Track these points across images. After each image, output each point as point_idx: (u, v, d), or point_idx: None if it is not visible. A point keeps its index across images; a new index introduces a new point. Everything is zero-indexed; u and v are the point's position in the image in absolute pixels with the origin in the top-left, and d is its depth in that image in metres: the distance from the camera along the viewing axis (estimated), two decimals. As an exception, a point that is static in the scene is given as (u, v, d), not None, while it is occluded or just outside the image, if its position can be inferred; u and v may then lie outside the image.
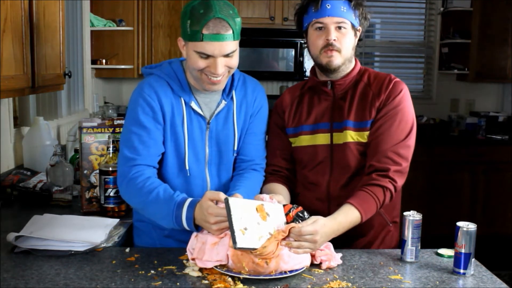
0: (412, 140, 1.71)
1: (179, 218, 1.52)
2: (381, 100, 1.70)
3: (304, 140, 1.78)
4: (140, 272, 1.44)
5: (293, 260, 1.44)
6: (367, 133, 1.70)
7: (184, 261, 1.51)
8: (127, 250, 1.61)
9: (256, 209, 1.47)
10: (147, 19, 4.14)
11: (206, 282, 1.38)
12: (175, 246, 1.70)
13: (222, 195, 1.48)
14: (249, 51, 4.30)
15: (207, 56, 1.56)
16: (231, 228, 1.38)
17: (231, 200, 1.42)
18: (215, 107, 1.72)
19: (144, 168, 1.63)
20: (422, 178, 4.38)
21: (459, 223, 1.49)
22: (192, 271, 1.44)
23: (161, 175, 1.70)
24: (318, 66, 1.75)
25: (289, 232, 1.45)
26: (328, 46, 1.67)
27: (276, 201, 1.56)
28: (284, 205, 1.55)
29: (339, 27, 1.67)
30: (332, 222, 1.53)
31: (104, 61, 3.96)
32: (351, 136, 1.71)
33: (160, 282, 1.37)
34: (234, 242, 1.37)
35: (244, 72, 1.83)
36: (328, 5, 1.65)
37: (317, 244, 1.47)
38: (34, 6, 1.88)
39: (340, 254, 1.54)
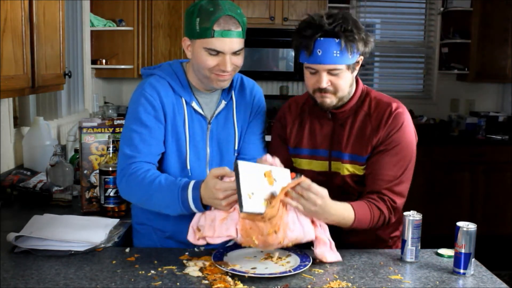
0: (408, 175, 1.67)
1: (185, 201, 1.51)
2: (379, 137, 1.66)
3: (303, 164, 1.77)
4: (140, 272, 1.44)
5: (298, 228, 1.44)
6: (362, 167, 1.68)
7: (184, 261, 1.51)
8: (127, 250, 1.61)
9: (264, 174, 1.47)
10: (147, 19, 4.14)
11: (206, 282, 1.38)
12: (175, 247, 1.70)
13: (227, 169, 1.48)
14: (249, 51, 4.30)
15: (217, 53, 1.57)
16: (238, 192, 1.38)
17: (241, 164, 1.41)
18: (215, 107, 1.73)
19: (144, 164, 1.63)
20: (422, 178, 4.37)
21: (459, 223, 1.49)
22: (192, 271, 1.44)
23: (163, 171, 1.69)
24: (314, 102, 1.71)
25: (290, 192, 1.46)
26: (321, 91, 1.62)
27: (279, 162, 1.54)
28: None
29: (332, 73, 1.60)
30: (333, 203, 1.52)
31: (104, 61, 3.96)
32: (347, 169, 1.69)
33: (160, 282, 1.37)
34: (241, 206, 1.37)
35: (244, 72, 1.83)
36: (319, 51, 1.56)
37: (316, 207, 1.46)
38: (34, 6, 1.88)
39: (338, 256, 1.55)
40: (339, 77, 1.60)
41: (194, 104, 1.68)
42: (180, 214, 1.56)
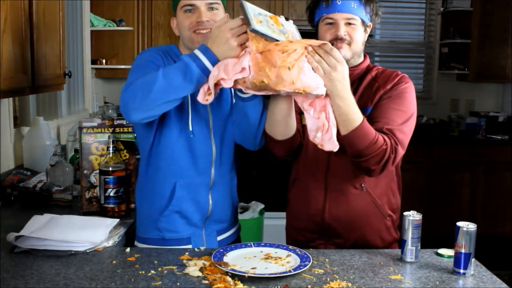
0: (408, 128, 1.68)
1: (196, 58, 1.47)
2: (386, 89, 1.72)
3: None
4: (140, 272, 1.44)
5: (312, 76, 1.46)
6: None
7: (184, 261, 1.51)
8: (127, 250, 1.61)
9: (271, 17, 1.50)
10: (147, 19, 4.14)
11: (206, 282, 1.38)
12: (175, 246, 1.70)
13: (226, 18, 1.55)
14: (249, 51, 4.29)
15: (192, 9, 1.67)
16: (246, 17, 1.42)
17: (248, 2, 1.46)
18: None
19: None
20: (422, 178, 4.38)
21: (459, 223, 1.49)
22: (192, 271, 1.44)
23: (163, 136, 1.67)
24: None
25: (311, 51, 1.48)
26: (338, 40, 1.68)
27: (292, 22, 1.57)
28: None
29: (349, 23, 1.68)
30: (349, 85, 1.55)
31: (104, 61, 3.96)
32: None
33: (160, 282, 1.37)
34: (249, 24, 1.40)
35: None
36: (339, 1, 1.67)
37: (336, 73, 1.48)
38: (34, 6, 1.88)
39: (335, 146, 1.54)
40: (354, 29, 1.69)
41: None
42: (197, 84, 1.49)
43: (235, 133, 1.79)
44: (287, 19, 1.57)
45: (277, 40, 1.44)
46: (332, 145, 1.54)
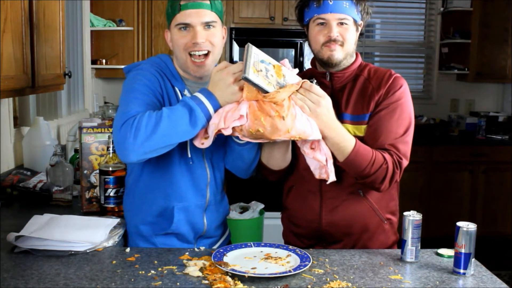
0: (410, 137, 1.69)
1: (201, 103, 1.46)
2: (381, 94, 1.70)
3: None
4: (140, 272, 1.44)
5: (305, 122, 1.48)
6: (364, 126, 1.70)
7: (184, 261, 1.51)
8: (127, 250, 1.61)
9: (274, 66, 1.50)
10: (147, 19, 4.13)
11: (206, 282, 1.38)
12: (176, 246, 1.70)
13: (226, 62, 1.51)
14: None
15: (186, 28, 1.60)
16: (245, 63, 1.41)
17: (253, 46, 1.45)
18: None
19: None
20: (422, 178, 4.38)
21: (459, 223, 1.49)
22: (192, 271, 1.44)
23: (162, 159, 1.64)
24: (319, 61, 1.75)
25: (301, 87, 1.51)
26: (331, 42, 1.67)
27: (291, 67, 1.58)
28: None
29: (341, 23, 1.67)
30: (334, 115, 1.56)
31: (104, 61, 3.96)
32: (347, 129, 1.69)
33: (160, 282, 1.37)
34: (244, 72, 1.40)
35: None
36: (331, 1, 1.65)
37: (319, 107, 1.50)
38: (34, 6, 1.88)
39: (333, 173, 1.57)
40: (347, 30, 1.68)
41: (186, 93, 1.66)
42: (200, 129, 1.48)
43: (228, 165, 1.79)
44: (299, 67, 1.58)
45: (267, 92, 1.44)
46: (333, 177, 1.58)
